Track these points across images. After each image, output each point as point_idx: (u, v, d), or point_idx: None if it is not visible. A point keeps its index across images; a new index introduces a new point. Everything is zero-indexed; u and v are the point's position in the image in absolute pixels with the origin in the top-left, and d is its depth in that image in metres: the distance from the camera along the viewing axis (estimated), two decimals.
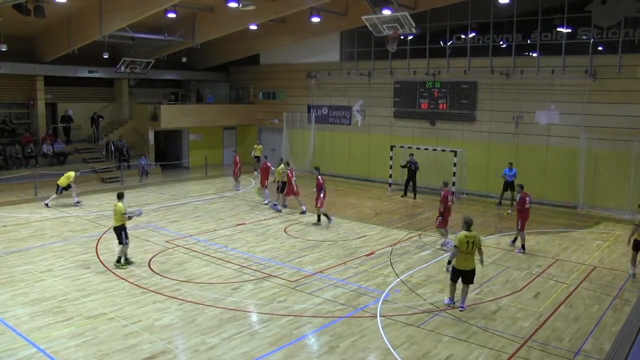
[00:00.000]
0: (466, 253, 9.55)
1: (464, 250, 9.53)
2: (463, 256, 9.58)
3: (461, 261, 9.63)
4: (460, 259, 9.62)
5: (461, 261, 9.63)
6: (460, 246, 9.53)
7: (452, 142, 21.60)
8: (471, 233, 9.60)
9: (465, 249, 9.51)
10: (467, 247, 9.50)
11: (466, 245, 9.49)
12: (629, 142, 17.71)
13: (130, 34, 20.77)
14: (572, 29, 19.13)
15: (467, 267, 9.65)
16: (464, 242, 9.49)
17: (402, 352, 8.17)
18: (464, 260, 9.61)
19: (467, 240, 9.49)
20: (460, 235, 9.62)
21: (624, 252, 13.85)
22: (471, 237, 9.53)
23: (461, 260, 9.62)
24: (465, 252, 9.54)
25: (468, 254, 9.57)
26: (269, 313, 9.62)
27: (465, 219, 9.84)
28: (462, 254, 9.56)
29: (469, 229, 9.63)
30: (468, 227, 9.66)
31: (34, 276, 11.34)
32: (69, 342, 8.29)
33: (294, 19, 22.65)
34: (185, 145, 28.43)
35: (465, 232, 9.60)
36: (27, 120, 24.77)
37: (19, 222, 16.14)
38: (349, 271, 12.01)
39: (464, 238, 9.51)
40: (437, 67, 22.08)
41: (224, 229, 15.77)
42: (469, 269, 9.67)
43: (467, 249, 9.51)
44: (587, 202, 18.75)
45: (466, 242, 9.49)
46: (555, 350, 8.32)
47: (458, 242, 9.57)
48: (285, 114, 27.41)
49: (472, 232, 9.63)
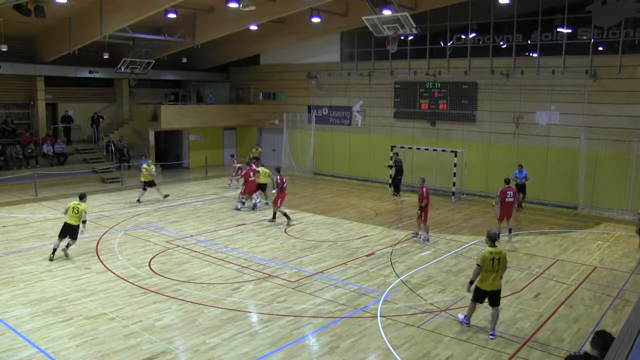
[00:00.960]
0: (492, 271, 8.47)
1: (489, 269, 8.45)
2: (489, 275, 8.49)
3: (487, 281, 8.53)
4: (486, 279, 8.52)
5: (487, 281, 8.53)
6: (484, 264, 8.44)
7: (452, 143, 21.60)
8: (496, 249, 8.55)
9: (490, 266, 8.43)
10: (493, 264, 8.43)
11: (491, 263, 8.42)
12: (630, 142, 17.70)
13: (130, 34, 20.79)
14: (572, 29, 19.14)
15: (494, 287, 8.55)
16: (489, 260, 8.43)
17: (403, 353, 8.16)
18: (490, 280, 8.51)
19: (493, 257, 8.43)
20: (484, 252, 8.54)
21: (625, 252, 13.88)
22: (497, 254, 8.47)
23: (487, 279, 8.52)
24: (491, 271, 8.47)
25: (494, 272, 8.49)
26: (269, 313, 9.61)
27: (489, 234, 8.74)
28: (488, 272, 8.48)
29: (493, 244, 8.58)
30: (492, 242, 8.60)
31: (34, 276, 11.34)
32: (69, 343, 8.29)
33: (294, 19, 22.66)
34: (186, 146, 28.45)
35: (490, 248, 8.54)
36: (28, 120, 24.78)
37: (19, 223, 16.14)
38: (350, 271, 12.01)
39: (489, 255, 8.45)
40: (438, 67, 22.09)
41: (224, 229, 15.77)
42: (496, 289, 8.57)
43: (493, 266, 8.44)
44: (588, 203, 18.75)
45: (491, 259, 8.42)
46: (556, 350, 8.31)
47: (482, 259, 8.48)
48: (285, 114, 27.42)
49: (497, 247, 8.59)
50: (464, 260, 12.97)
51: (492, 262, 8.42)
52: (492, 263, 8.42)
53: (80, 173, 22.92)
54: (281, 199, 16.38)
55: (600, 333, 5.07)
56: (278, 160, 27.33)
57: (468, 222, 17.14)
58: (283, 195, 16.47)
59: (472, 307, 8.94)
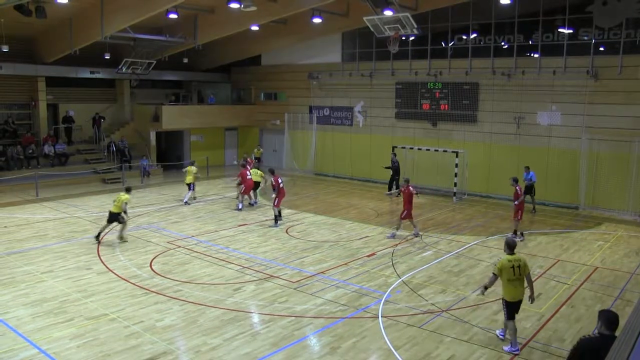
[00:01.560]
0: (515, 280, 8.10)
1: (511, 278, 8.08)
2: (512, 285, 8.11)
3: (511, 291, 8.13)
4: (510, 289, 8.13)
5: (511, 291, 8.13)
6: (504, 273, 8.07)
7: (453, 143, 21.60)
8: (515, 256, 8.20)
9: (512, 275, 8.06)
10: (514, 272, 8.06)
11: (512, 271, 8.05)
12: (630, 142, 17.69)
13: (131, 34, 20.81)
14: (573, 29, 19.13)
15: (520, 296, 8.21)
16: (508, 268, 8.05)
17: (404, 353, 8.16)
18: (514, 289, 8.14)
19: (512, 265, 8.07)
20: (503, 260, 8.15)
21: (626, 252, 13.87)
22: (516, 261, 8.13)
23: (511, 289, 8.13)
24: (514, 279, 8.09)
25: (516, 281, 8.12)
26: (271, 314, 9.61)
27: (507, 241, 8.39)
28: (511, 282, 8.10)
29: (512, 252, 8.23)
30: (511, 249, 8.25)
31: (35, 277, 11.34)
32: (70, 343, 8.29)
33: (295, 20, 22.67)
34: (187, 146, 28.45)
35: (508, 256, 8.17)
36: (29, 121, 24.82)
37: (20, 223, 16.16)
38: (351, 272, 12.00)
39: (507, 263, 8.08)
40: (439, 67, 22.08)
41: (226, 229, 15.78)
42: (521, 299, 8.25)
43: (515, 274, 8.07)
44: (589, 203, 18.74)
45: (511, 267, 8.06)
46: (557, 351, 8.30)
47: (499, 269, 8.11)
48: (286, 114, 27.43)
49: (515, 254, 8.25)
50: (465, 260, 12.96)
51: (512, 271, 8.08)
52: (512, 271, 8.08)
53: (81, 173, 22.97)
54: (279, 199, 16.40)
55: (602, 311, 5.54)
56: (279, 160, 27.36)
57: (469, 222, 17.13)
58: (281, 196, 16.49)
59: (513, 326, 8.31)
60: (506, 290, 8.17)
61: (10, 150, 21.94)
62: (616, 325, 5.28)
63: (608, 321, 5.30)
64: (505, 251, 8.35)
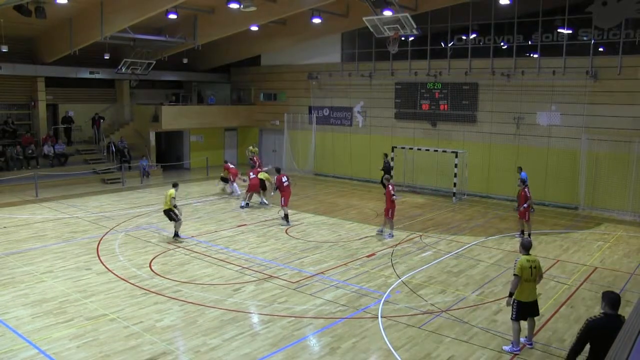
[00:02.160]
0: (531, 280, 8.16)
1: (528, 278, 8.11)
2: (527, 285, 8.15)
3: (526, 291, 8.17)
4: (525, 289, 8.16)
5: (526, 291, 8.17)
6: (523, 273, 8.07)
7: (453, 143, 21.60)
8: (532, 257, 8.28)
9: (529, 275, 8.10)
10: (531, 273, 8.11)
11: (530, 272, 8.09)
12: (630, 143, 17.69)
13: (131, 35, 20.80)
14: (573, 30, 19.13)
15: (534, 297, 8.26)
16: (527, 268, 8.08)
17: (404, 354, 8.16)
18: (529, 290, 8.19)
19: (530, 265, 8.13)
20: (522, 260, 8.17)
21: (625, 253, 13.87)
22: (533, 262, 8.20)
23: (526, 290, 8.16)
24: (530, 280, 8.15)
25: (532, 282, 8.18)
26: (270, 314, 9.61)
27: (523, 243, 8.49)
28: (527, 282, 8.14)
29: (528, 252, 8.30)
30: (527, 250, 8.33)
31: (35, 277, 11.34)
32: (69, 344, 8.29)
33: (295, 20, 22.67)
34: (187, 147, 28.45)
35: (526, 256, 8.22)
36: (28, 121, 24.80)
37: (20, 224, 16.15)
38: (350, 272, 12.00)
39: (526, 263, 8.12)
40: (438, 68, 22.08)
41: (225, 230, 15.78)
42: (536, 298, 8.31)
43: (532, 275, 8.13)
44: (588, 203, 18.74)
45: (529, 267, 8.11)
46: (557, 351, 8.30)
47: (519, 269, 8.07)
48: (286, 115, 27.42)
49: (531, 255, 8.34)
50: (465, 260, 12.97)
51: (530, 271, 8.11)
52: (530, 272, 8.11)
53: (81, 174, 22.95)
54: (285, 198, 16.41)
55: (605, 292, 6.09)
56: (279, 161, 27.34)
57: (469, 222, 17.13)
58: (287, 195, 16.49)
59: (517, 328, 8.26)
60: (521, 289, 8.14)
61: (9, 150, 21.92)
62: (619, 305, 5.94)
63: (611, 301, 5.91)
64: (520, 252, 8.41)
